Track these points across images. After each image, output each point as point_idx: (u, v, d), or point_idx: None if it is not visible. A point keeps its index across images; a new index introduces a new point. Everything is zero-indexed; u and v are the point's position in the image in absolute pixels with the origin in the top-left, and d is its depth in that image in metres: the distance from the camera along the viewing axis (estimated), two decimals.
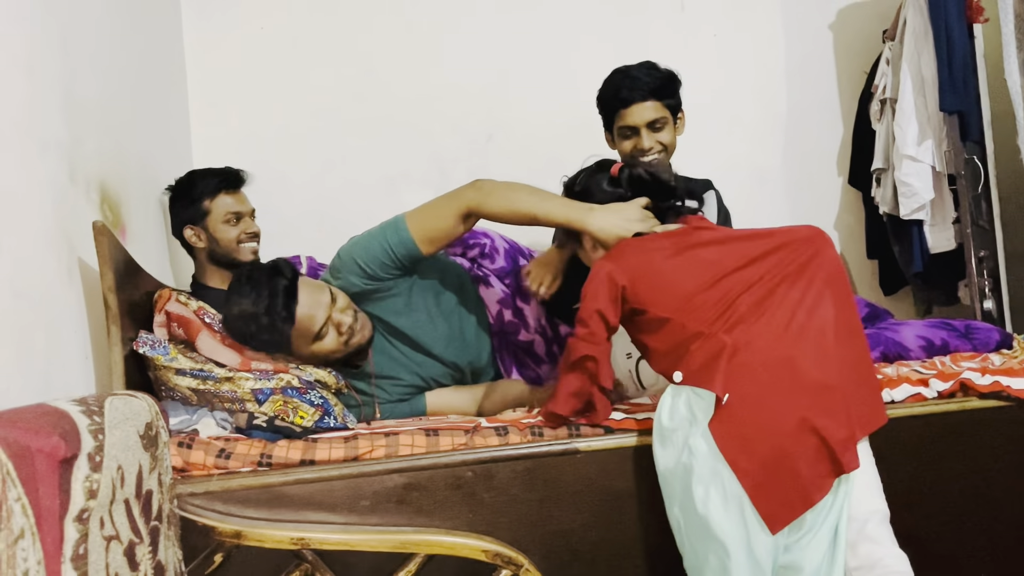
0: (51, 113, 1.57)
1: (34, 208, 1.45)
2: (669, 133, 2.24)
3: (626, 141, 2.25)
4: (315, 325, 1.85)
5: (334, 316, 1.87)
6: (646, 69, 2.22)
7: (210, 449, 1.63)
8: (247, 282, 1.84)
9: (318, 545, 1.57)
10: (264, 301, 1.79)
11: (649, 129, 2.21)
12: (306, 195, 3.07)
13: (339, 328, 1.88)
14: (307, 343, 1.87)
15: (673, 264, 1.71)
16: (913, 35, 2.84)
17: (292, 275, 1.86)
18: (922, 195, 2.81)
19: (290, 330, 1.83)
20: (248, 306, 1.80)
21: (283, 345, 1.86)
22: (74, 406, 1.07)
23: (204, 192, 2.23)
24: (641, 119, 2.21)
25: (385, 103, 3.13)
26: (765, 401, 1.48)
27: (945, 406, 1.79)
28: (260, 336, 1.82)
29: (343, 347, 1.90)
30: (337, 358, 1.93)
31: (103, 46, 1.97)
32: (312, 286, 1.89)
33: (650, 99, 2.20)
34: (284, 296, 1.81)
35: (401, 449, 1.67)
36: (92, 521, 1.01)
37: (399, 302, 2.01)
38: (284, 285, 1.82)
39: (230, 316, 1.83)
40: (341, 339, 1.89)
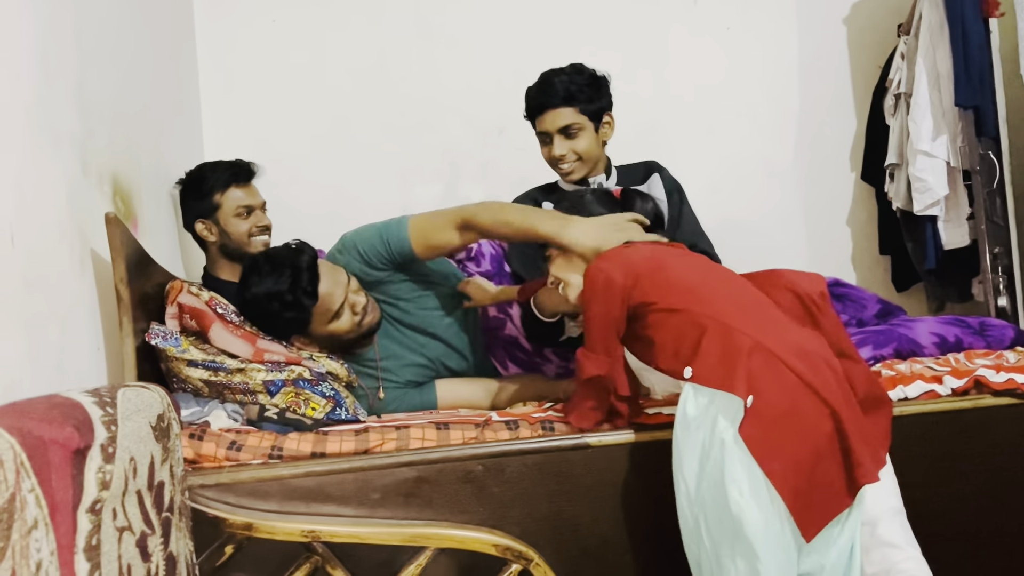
0: (64, 106, 1.57)
1: (47, 200, 1.46)
2: (586, 140, 2.19)
3: (544, 148, 2.24)
4: (334, 304, 1.88)
5: (350, 296, 1.91)
6: (566, 74, 2.18)
7: (221, 441, 1.63)
8: (267, 262, 1.88)
9: (328, 538, 1.57)
10: (287, 279, 1.83)
11: (563, 135, 2.17)
12: (317, 188, 3.07)
13: (354, 308, 1.92)
14: (324, 322, 1.90)
15: (675, 260, 1.68)
16: (929, 29, 2.82)
17: (313, 254, 1.90)
18: (936, 191, 2.78)
19: (313, 307, 1.86)
20: (271, 284, 1.83)
21: (303, 324, 1.89)
22: (87, 397, 1.07)
23: (214, 186, 2.23)
24: (553, 125, 2.17)
25: (397, 96, 3.12)
26: (796, 402, 1.42)
27: (959, 403, 1.78)
28: (283, 314, 1.84)
29: (356, 328, 1.93)
30: (349, 339, 1.96)
31: (116, 38, 1.97)
32: (329, 267, 1.93)
33: (562, 105, 2.15)
34: (308, 273, 1.84)
35: (412, 442, 1.68)
36: (105, 512, 1.01)
37: (401, 288, 2.04)
38: (307, 262, 1.86)
39: (251, 296, 1.86)
40: (355, 319, 1.92)
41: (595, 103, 2.18)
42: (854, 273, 3.34)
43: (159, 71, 2.44)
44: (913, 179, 2.83)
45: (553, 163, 2.23)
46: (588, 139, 2.19)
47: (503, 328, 2.14)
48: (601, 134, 2.23)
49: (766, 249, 3.15)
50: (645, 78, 3.23)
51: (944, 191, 2.80)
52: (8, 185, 1.30)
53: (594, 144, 2.21)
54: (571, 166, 2.20)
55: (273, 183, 2.89)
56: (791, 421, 1.41)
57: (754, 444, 1.38)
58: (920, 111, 2.81)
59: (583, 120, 2.17)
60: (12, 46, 1.37)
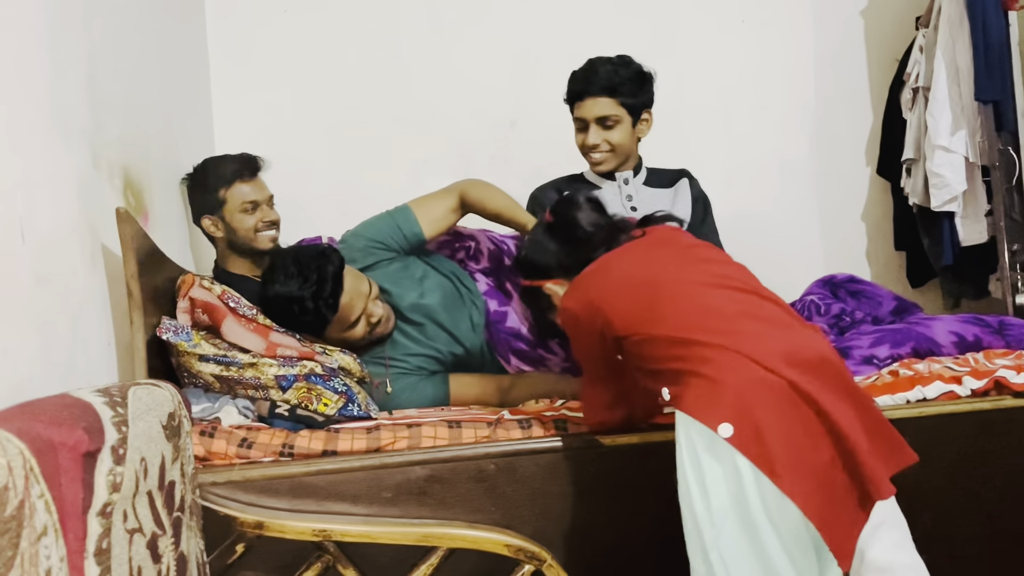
0: (74, 99, 1.55)
1: (58, 195, 1.44)
2: (622, 133, 2.18)
3: (578, 134, 2.23)
4: (353, 315, 1.92)
5: (368, 307, 1.95)
6: (612, 64, 2.17)
7: (232, 438, 1.62)
8: (294, 264, 1.90)
9: (340, 537, 1.56)
10: (312, 286, 1.86)
11: (599, 125, 2.16)
12: (327, 179, 3.05)
13: (370, 319, 1.96)
14: (341, 329, 1.94)
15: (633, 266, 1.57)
16: (948, 22, 2.78)
17: (340, 263, 1.92)
18: (954, 186, 2.75)
19: (333, 317, 1.89)
20: (295, 289, 1.86)
21: (320, 329, 1.91)
22: (98, 397, 1.06)
23: (219, 182, 2.19)
24: (591, 113, 2.16)
25: (408, 88, 3.09)
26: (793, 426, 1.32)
27: (979, 405, 1.76)
28: (301, 318, 1.87)
29: (367, 336, 1.98)
30: (359, 344, 1.99)
31: (126, 30, 1.95)
32: (354, 275, 1.96)
33: (603, 95, 2.14)
34: (332, 283, 1.87)
35: (423, 441, 1.66)
36: (115, 514, 1.00)
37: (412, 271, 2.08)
38: (333, 272, 1.88)
39: (273, 294, 1.88)
40: (368, 328, 1.96)
41: (636, 98, 2.18)
42: (869, 269, 3.30)
43: (170, 63, 2.42)
44: (931, 174, 2.80)
45: (585, 151, 2.22)
46: (624, 132, 2.18)
47: (504, 320, 2.14)
48: (637, 130, 2.22)
49: (780, 244, 3.12)
50: (659, 70, 3.18)
51: (962, 187, 2.76)
52: (18, 179, 1.28)
53: (629, 138, 2.21)
54: (602, 156, 2.19)
55: (283, 175, 2.87)
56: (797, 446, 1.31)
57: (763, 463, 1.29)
58: (938, 105, 2.77)
59: (621, 112, 2.16)
60: (22, 39, 1.35)
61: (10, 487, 0.76)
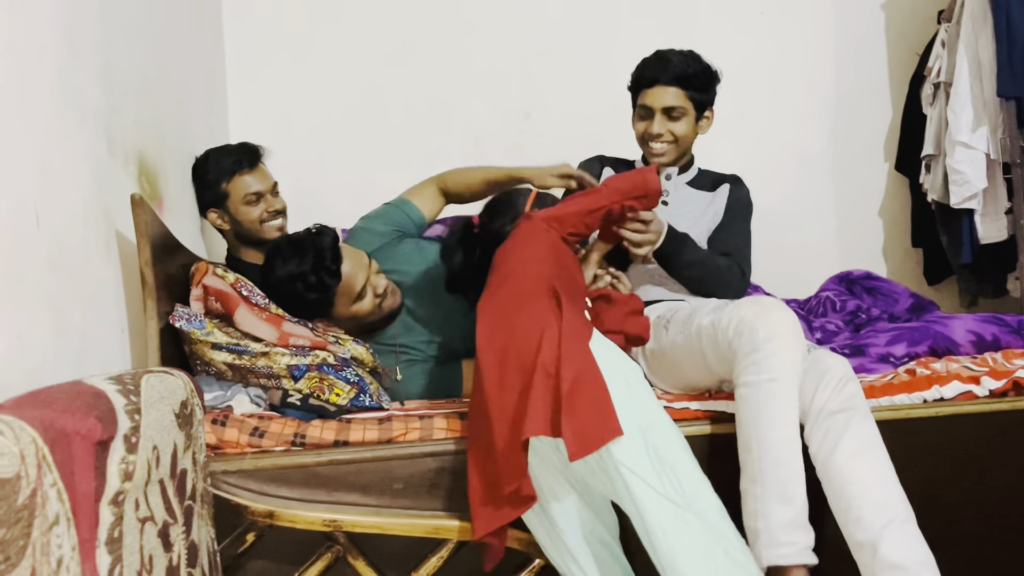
0: (89, 83, 1.55)
1: (72, 180, 1.43)
2: (686, 126, 2.16)
3: (641, 122, 2.19)
4: (357, 284, 1.91)
5: (371, 278, 1.95)
6: (683, 56, 2.15)
7: (244, 427, 1.62)
8: (289, 245, 1.92)
9: (350, 527, 1.56)
10: (310, 260, 1.86)
11: (665, 115, 2.14)
12: (342, 169, 3.04)
13: (375, 290, 1.96)
14: (348, 303, 1.92)
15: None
16: (971, 17, 2.74)
17: (334, 235, 1.94)
18: (974, 183, 2.72)
19: (337, 287, 1.89)
20: (293, 267, 1.86)
21: (327, 305, 1.91)
22: (111, 385, 1.05)
23: (220, 175, 2.18)
24: (659, 102, 2.13)
25: (424, 77, 3.08)
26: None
27: (996, 405, 1.74)
28: (307, 295, 1.87)
29: (377, 309, 1.97)
30: (370, 321, 1.99)
31: (142, 15, 1.94)
32: (351, 249, 1.98)
33: (674, 85, 2.12)
34: (331, 252, 1.88)
35: (435, 432, 1.65)
36: (127, 503, 0.99)
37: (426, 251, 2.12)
38: (329, 243, 1.90)
39: (275, 279, 1.88)
40: (376, 300, 1.96)
41: (704, 93, 2.16)
42: (885, 265, 3.28)
43: (185, 49, 2.41)
44: (951, 171, 2.77)
45: (646, 139, 2.18)
46: (688, 125, 2.16)
47: None
48: (699, 126, 2.20)
49: (796, 239, 3.10)
50: None
51: (982, 184, 2.73)
52: (33, 164, 1.28)
53: (691, 133, 2.19)
54: (664, 147, 2.16)
55: (297, 162, 2.88)
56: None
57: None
58: (960, 101, 2.74)
59: (689, 106, 2.14)
60: (37, 23, 1.34)
61: (23, 476, 0.75)
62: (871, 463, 1.51)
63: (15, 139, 1.22)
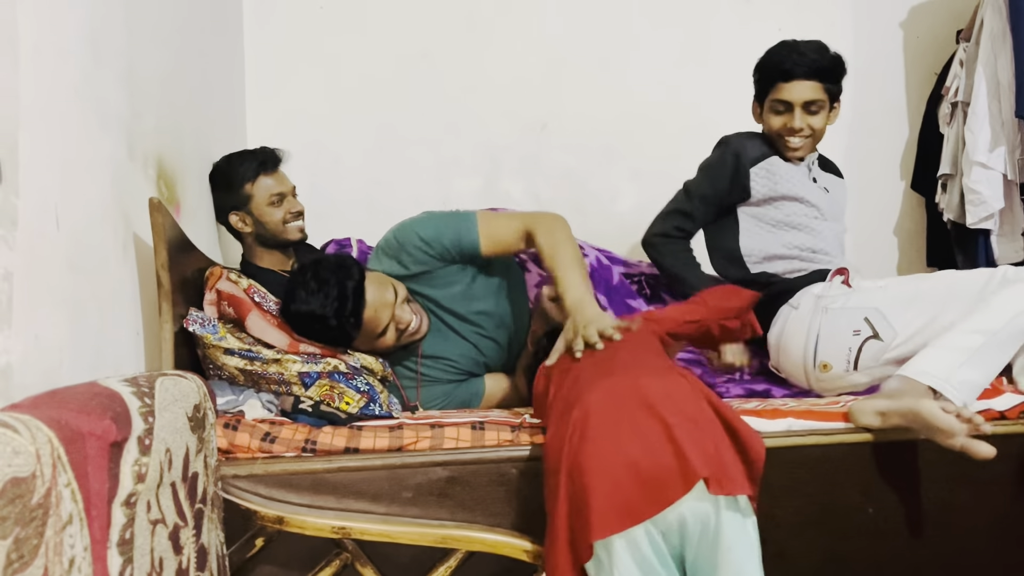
0: (113, 87, 1.56)
1: (93, 183, 1.45)
2: (822, 119, 2.15)
3: (777, 117, 2.16)
4: (380, 326, 1.88)
5: (395, 313, 1.89)
6: (815, 47, 2.13)
7: (255, 432, 1.62)
8: (313, 279, 1.83)
9: (359, 535, 1.56)
10: (333, 304, 1.80)
11: (804, 110, 2.12)
12: (358, 177, 3.06)
13: (399, 324, 1.91)
14: (370, 339, 1.90)
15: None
16: (990, 37, 2.73)
17: (360, 275, 1.86)
18: (991, 204, 2.71)
19: (357, 334, 1.86)
20: (316, 306, 1.80)
21: (347, 342, 1.88)
22: (126, 387, 1.06)
23: (244, 177, 2.21)
24: (799, 96, 2.11)
25: (440, 88, 3.10)
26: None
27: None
28: (326, 335, 1.83)
29: (398, 342, 1.94)
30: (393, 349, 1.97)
31: (165, 22, 1.96)
32: (377, 283, 1.89)
33: (813, 78, 2.10)
34: (354, 299, 1.82)
35: (446, 442, 1.65)
36: (139, 505, 0.99)
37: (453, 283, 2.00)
38: (353, 287, 1.82)
39: (294, 311, 1.83)
40: (397, 335, 1.92)
41: (836, 84, 2.15)
42: None
43: (206, 55, 2.43)
44: (967, 191, 2.76)
45: (783, 133, 2.16)
46: (824, 119, 2.16)
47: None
48: (830, 118, 2.19)
49: None
50: (693, 76, 3.18)
51: (999, 204, 2.72)
52: (55, 167, 1.29)
53: (825, 126, 2.18)
54: (802, 141, 2.15)
55: (313, 169, 2.90)
56: None
57: None
58: (978, 121, 2.73)
59: (825, 98, 2.13)
60: (62, 27, 1.36)
61: (37, 475, 0.76)
62: None
63: (38, 141, 1.23)
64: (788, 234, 2.16)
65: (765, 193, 2.17)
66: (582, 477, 1.30)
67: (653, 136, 3.13)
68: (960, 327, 1.71)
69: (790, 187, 2.15)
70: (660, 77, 3.16)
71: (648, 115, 3.13)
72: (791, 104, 2.12)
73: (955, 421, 1.52)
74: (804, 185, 2.18)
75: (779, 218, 2.17)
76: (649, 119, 3.13)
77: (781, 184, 2.16)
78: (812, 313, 2.01)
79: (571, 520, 1.31)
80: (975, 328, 1.69)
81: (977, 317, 1.71)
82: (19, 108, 1.18)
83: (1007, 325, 1.67)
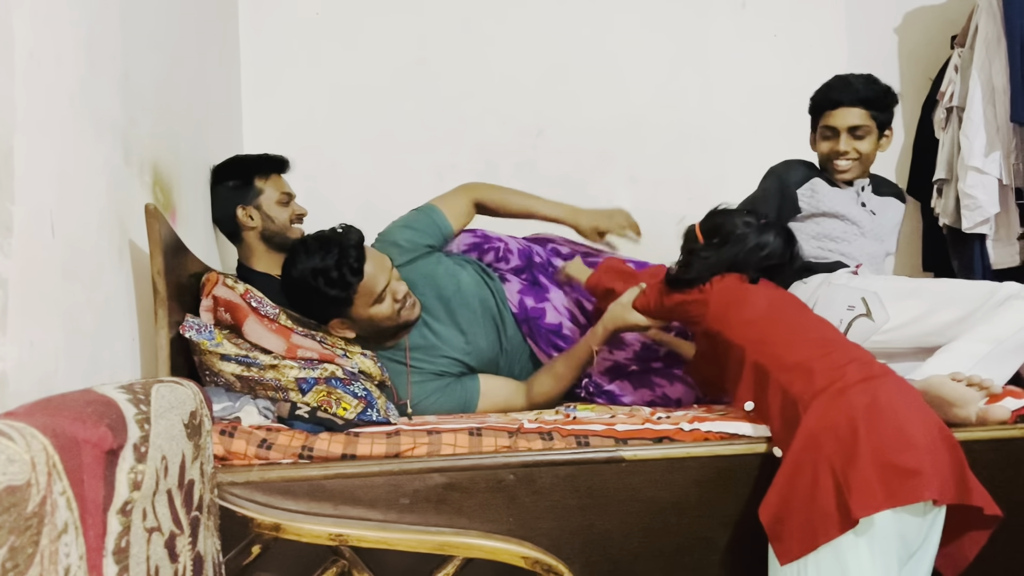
0: (108, 93, 1.56)
1: (88, 189, 1.44)
2: (870, 144, 2.27)
3: (825, 142, 2.31)
4: (377, 287, 1.91)
5: (392, 283, 1.94)
6: (864, 79, 2.28)
7: (252, 439, 1.61)
8: (315, 240, 1.92)
9: (356, 542, 1.55)
10: (335, 255, 1.86)
11: (849, 135, 2.26)
12: (353, 182, 3.06)
13: (395, 295, 1.94)
14: (367, 304, 1.91)
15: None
16: (985, 42, 2.74)
17: (360, 235, 1.94)
18: (987, 208, 2.71)
19: (358, 285, 1.88)
20: (317, 261, 1.86)
21: (346, 304, 1.90)
22: (121, 394, 1.05)
23: (257, 172, 2.27)
24: (843, 122, 2.25)
25: (436, 93, 3.10)
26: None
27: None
28: (327, 291, 1.86)
29: (395, 316, 1.96)
30: (387, 327, 1.97)
31: (161, 28, 1.96)
32: (374, 251, 1.97)
33: (858, 106, 2.24)
34: (356, 251, 1.88)
35: (443, 448, 1.64)
36: (135, 513, 0.99)
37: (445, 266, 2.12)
38: (354, 241, 1.90)
39: (296, 272, 1.89)
40: (396, 306, 1.95)
41: (884, 113, 2.28)
42: None
43: (202, 61, 2.43)
44: (963, 195, 2.76)
45: (831, 157, 2.30)
46: (871, 144, 2.28)
47: (543, 317, 2.13)
48: (879, 144, 2.31)
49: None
50: (689, 82, 3.19)
51: (995, 209, 2.72)
52: (51, 172, 1.28)
53: (874, 150, 2.29)
54: (849, 164, 2.28)
55: (309, 175, 2.89)
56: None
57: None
58: (973, 126, 2.74)
59: (872, 124, 2.26)
60: (58, 32, 1.35)
61: (33, 483, 0.75)
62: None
63: (34, 147, 1.22)
64: (824, 243, 2.28)
65: (808, 210, 2.30)
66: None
67: (649, 141, 3.14)
68: (966, 337, 1.77)
69: (832, 205, 2.27)
70: (656, 82, 3.17)
71: (644, 120, 3.14)
72: (837, 129, 2.26)
73: (967, 389, 1.53)
74: (848, 206, 2.29)
75: (818, 231, 2.29)
76: (645, 124, 3.14)
77: (823, 203, 2.28)
78: (817, 286, 2.13)
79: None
80: (981, 338, 1.74)
81: (983, 328, 1.76)
82: (14, 114, 1.17)
83: (1013, 336, 1.71)
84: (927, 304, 1.94)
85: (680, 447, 1.67)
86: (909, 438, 1.40)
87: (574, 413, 1.91)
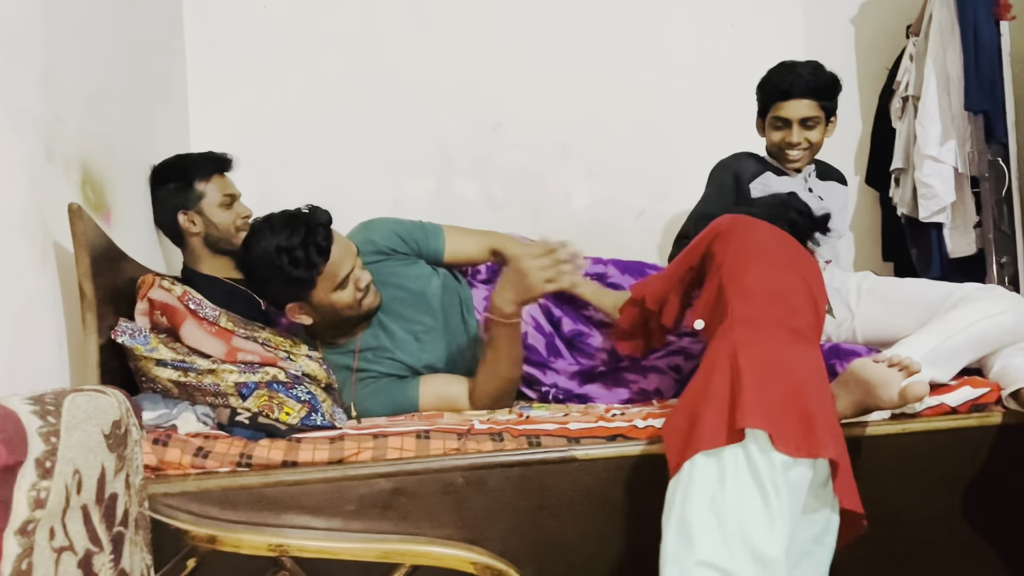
0: (26, 88, 1.48)
1: (6, 187, 1.37)
2: (819, 133, 2.31)
3: (776, 132, 2.33)
4: (342, 271, 1.84)
5: (356, 270, 1.88)
6: (811, 68, 2.29)
7: (187, 447, 1.55)
8: (280, 217, 1.84)
9: (297, 552, 1.49)
10: (301, 234, 1.79)
11: (801, 125, 2.28)
12: (307, 180, 2.98)
13: (358, 283, 1.88)
14: (329, 288, 1.85)
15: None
16: (939, 31, 2.74)
17: (328, 216, 1.87)
18: (943, 197, 2.71)
19: (324, 265, 1.81)
20: (283, 239, 1.79)
21: (308, 285, 1.83)
22: (26, 405, 0.98)
23: (198, 175, 2.16)
24: (795, 114, 2.27)
25: (390, 88, 3.03)
26: None
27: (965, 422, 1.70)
28: (291, 270, 1.79)
29: (356, 305, 1.90)
30: (346, 317, 1.91)
31: (91, 24, 1.88)
32: (341, 236, 1.90)
33: (809, 97, 2.26)
34: (324, 230, 1.81)
35: (389, 452, 1.59)
36: (39, 533, 0.92)
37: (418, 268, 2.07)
38: (322, 220, 1.83)
39: (259, 250, 1.80)
40: (357, 295, 1.89)
41: (831, 102, 2.30)
42: None
43: (143, 56, 2.34)
44: (919, 184, 2.76)
45: (783, 148, 2.32)
46: (820, 133, 2.31)
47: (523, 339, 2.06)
48: (828, 131, 2.34)
49: None
50: (646, 72, 3.15)
51: (951, 198, 2.72)
52: None
53: (823, 138, 2.33)
54: (801, 154, 2.31)
55: (261, 175, 2.81)
56: None
57: None
58: (928, 115, 2.74)
59: (821, 115, 2.29)
60: None
61: None
62: None
63: None
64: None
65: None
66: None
67: (607, 134, 3.11)
68: (918, 331, 1.77)
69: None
70: (613, 74, 3.13)
71: (601, 113, 3.10)
72: (789, 121, 2.28)
73: (888, 370, 1.52)
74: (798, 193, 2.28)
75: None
76: (602, 117, 3.10)
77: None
78: None
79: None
80: (932, 331, 1.75)
81: (934, 323, 1.77)
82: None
83: (964, 331, 1.72)
84: (887, 303, 1.96)
85: (634, 445, 1.63)
86: (803, 391, 1.40)
87: (528, 412, 1.86)
